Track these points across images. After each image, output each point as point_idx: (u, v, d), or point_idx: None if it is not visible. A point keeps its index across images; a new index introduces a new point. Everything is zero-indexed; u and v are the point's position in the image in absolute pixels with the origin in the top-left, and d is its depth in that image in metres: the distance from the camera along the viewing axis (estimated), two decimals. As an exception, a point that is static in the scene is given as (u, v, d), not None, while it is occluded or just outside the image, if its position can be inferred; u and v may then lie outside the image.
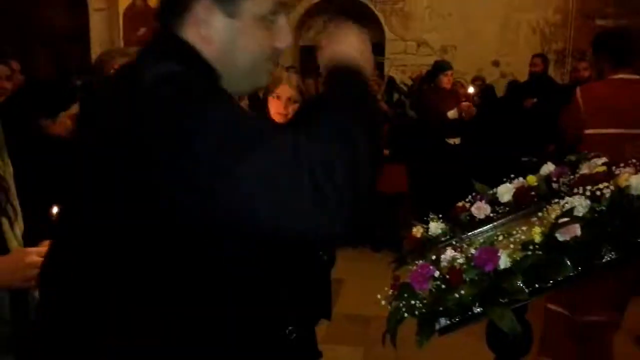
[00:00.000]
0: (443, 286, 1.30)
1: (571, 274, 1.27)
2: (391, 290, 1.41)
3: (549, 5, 6.75)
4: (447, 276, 1.30)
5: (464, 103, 4.50)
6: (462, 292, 1.26)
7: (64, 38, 7.32)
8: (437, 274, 1.32)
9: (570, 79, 5.90)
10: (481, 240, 1.48)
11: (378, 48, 7.41)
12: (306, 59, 8.23)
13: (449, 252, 1.37)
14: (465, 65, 6.94)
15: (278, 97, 2.44)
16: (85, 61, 6.37)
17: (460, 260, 1.32)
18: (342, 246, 4.67)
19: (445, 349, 2.68)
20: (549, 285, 1.27)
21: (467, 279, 1.28)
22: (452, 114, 4.56)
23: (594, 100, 2.63)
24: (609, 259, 1.28)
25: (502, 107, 5.39)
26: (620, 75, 2.59)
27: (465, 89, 5.11)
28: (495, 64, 6.90)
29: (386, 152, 4.75)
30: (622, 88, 2.57)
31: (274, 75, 2.80)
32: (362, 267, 4.37)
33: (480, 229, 1.69)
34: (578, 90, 2.76)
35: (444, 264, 1.34)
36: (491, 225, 1.66)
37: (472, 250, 1.33)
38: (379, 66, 6.48)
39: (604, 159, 1.54)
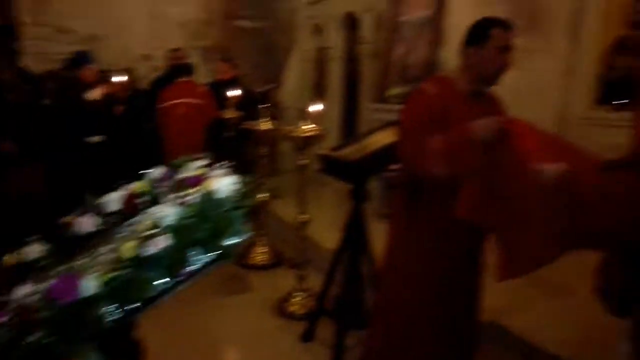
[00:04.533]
0: (14, 332, 1.08)
1: (165, 286, 1.23)
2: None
3: (196, 2, 6.98)
4: (18, 319, 1.08)
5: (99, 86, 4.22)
6: (38, 336, 1.07)
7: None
8: (4, 318, 1.08)
9: (217, 76, 6.26)
10: (74, 265, 1.30)
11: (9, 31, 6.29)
12: None
13: (24, 288, 1.15)
14: (115, 57, 6.57)
15: None
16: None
17: (36, 297, 1.11)
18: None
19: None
20: (141, 304, 1.20)
21: (42, 318, 1.09)
22: (92, 95, 4.22)
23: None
24: (201, 264, 1.30)
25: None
26: None
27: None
28: (147, 57, 6.76)
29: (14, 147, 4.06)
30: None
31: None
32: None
33: (87, 248, 1.52)
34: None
35: (14, 305, 1.11)
36: (95, 240, 1.50)
37: (53, 281, 1.14)
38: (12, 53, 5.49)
39: (205, 161, 1.55)
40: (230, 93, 4.98)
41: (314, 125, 3.20)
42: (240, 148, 5.73)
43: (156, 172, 1.70)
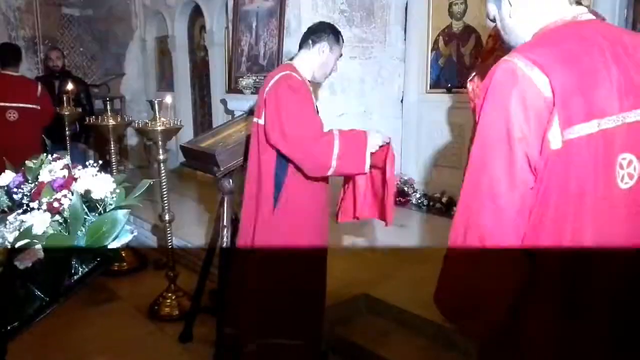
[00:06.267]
0: None
1: (42, 302, 1.10)
2: None
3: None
4: None
5: None
6: None
7: None
8: None
9: (45, 68, 5.63)
10: None
11: None
12: None
13: None
14: None
15: None
16: None
17: None
18: None
19: None
20: (17, 325, 1.06)
21: None
22: None
23: None
24: (85, 271, 1.19)
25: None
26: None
27: None
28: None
29: None
30: None
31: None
32: None
33: None
34: None
35: None
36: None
37: None
38: None
39: (65, 161, 1.41)
40: (66, 88, 4.52)
41: (169, 118, 3.06)
42: (84, 145, 5.26)
43: (7, 175, 1.50)
